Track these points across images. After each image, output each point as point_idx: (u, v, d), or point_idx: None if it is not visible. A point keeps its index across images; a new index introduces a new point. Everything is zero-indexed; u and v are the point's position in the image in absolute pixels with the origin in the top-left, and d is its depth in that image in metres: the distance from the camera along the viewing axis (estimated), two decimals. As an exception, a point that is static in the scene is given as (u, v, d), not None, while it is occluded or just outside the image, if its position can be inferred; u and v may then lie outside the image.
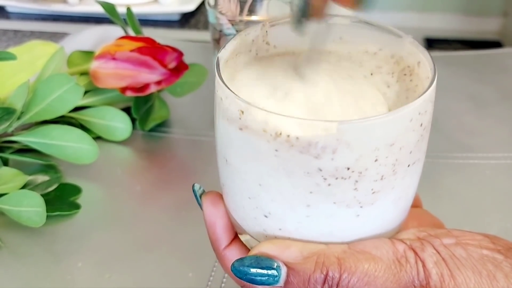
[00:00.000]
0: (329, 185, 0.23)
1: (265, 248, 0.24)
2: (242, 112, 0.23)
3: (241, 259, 0.24)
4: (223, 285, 0.37)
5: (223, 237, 0.27)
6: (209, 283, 0.37)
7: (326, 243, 0.24)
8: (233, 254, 0.27)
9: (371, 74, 0.28)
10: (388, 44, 0.28)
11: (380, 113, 0.22)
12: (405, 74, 0.27)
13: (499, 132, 0.52)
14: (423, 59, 0.26)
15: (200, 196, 0.28)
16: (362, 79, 0.27)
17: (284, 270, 0.24)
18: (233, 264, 0.24)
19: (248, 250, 0.27)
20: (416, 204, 0.30)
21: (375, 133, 0.22)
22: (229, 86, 0.23)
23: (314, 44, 0.28)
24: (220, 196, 0.28)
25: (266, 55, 0.29)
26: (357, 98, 0.25)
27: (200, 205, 0.28)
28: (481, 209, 0.43)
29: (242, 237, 0.28)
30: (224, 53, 0.27)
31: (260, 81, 0.27)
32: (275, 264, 0.24)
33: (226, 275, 0.38)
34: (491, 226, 0.41)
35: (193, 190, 0.29)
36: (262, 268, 0.24)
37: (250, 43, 0.28)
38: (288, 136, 0.22)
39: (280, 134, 0.22)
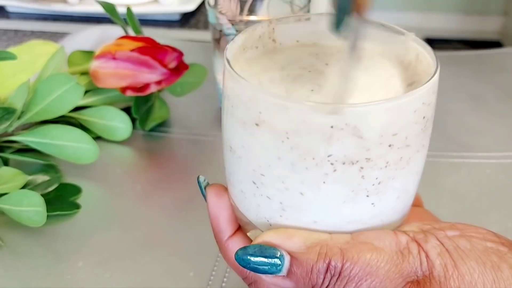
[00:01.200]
0: (335, 171, 0.23)
1: (268, 237, 0.24)
2: (264, 108, 0.23)
3: (244, 248, 0.25)
4: (223, 284, 0.37)
5: (226, 229, 0.28)
6: (210, 282, 0.37)
7: (329, 232, 0.24)
8: (235, 245, 0.27)
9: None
10: (390, 41, 0.28)
11: (386, 98, 0.22)
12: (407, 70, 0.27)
13: (499, 131, 0.52)
14: (426, 55, 0.26)
15: (205, 188, 0.28)
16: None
17: (287, 259, 0.24)
18: (236, 252, 0.25)
19: (251, 241, 0.27)
20: (417, 204, 0.30)
21: (381, 117, 0.22)
22: (246, 79, 0.24)
23: (352, 41, 0.27)
24: (224, 188, 0.28)
25: (271, 50, 0.29)
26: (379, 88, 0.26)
27: (204, 196, 0.28)
28: (481, 208, 0.43)
29: (248, 232, 0.28)
30: (232, 47, 0.27)
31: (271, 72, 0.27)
32: (279, 253, 0.24)
33: (227, 274, 0.38)
34: (491, 225, 0.40)
35: (198, 182, 0.29)
36: (265, 256, 0.24)
37: (257, 39, 0.28)
38: (301, 120, 0.22)
39: (293, 119, 0.22)
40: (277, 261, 0.24)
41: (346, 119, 0.22)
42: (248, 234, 0.28)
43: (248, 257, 0.24)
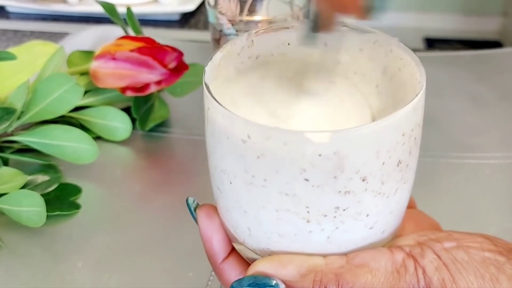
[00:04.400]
0: (317, 194, 0.23)
1: (262, 267, 0.24)
2: (248, 136, 0.22)
3: (239, 280, 0.25)
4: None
5: (220, 251, 0.27)
6: (209, 282, 0.37)
7: (321, 255, 0.24)
8: (230, 268, 0.27)
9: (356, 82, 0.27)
10: (376, 52, 0.27)
11: (369, 122, 0.22)
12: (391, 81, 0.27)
13: (498, 132, 0.52)
14: (412, 64, 0.25)
15: (195, 210, 0.28)
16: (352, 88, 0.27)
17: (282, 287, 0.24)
18: (232, 285, 0.25)
19: (246, 262, 0.27)
20: (410, 205, 0.30)
21: (366, 142, 0.21)
22: (228, 109, 0.23)
23: (327, 54, 0.27)
24: (214, 208, 0.28)
25: (252, 66, 0.28)
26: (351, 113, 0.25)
27: (194, 219, 0.28)
28: (480, 209, 0.43)
29: (236, 246, 0.28)
30: (211, 67, 0.26)
31: (255, 97, 0.26)
32: (273, 282, 0.24)
33: (226, 274, 0.38)
34: (490, 225, 0.41)
35: (187, 204, 0.28)
36: (260, 287, 0.24)
37: (236, 56, 0.28)
38: (285, 145, 0.21)
39: (272, 146, 0.22)
40: None
41: (332, 147, 0.21)
42: (236, 247, 0.28)
43: None
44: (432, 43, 2.33)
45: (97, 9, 0.62)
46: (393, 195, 0.24)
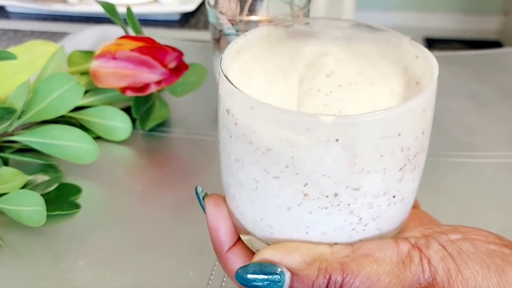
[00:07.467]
0: (313, 189, 0.23)
1: (268, 255, 0.24)
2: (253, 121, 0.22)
3: (244, 267, 0.25)
4: (223, 284, 0.37)
5: (226, 240, 0.27)
6: (210, 282, 0.37)
7: (327, 244, 0.24)
8: (236, 257, 0.27)
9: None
10: (387, 44, 0.28)
11: (378, 110, 0.22)
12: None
13: (499, 131, 0.52)
14: (424, 62, 0.25)
15: (203, 199, 0.28)
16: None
17: (287, 275, 0.24)
18: (237, 272, 0.25)
19: (251, 252, 0.27)
20: (414, 206, 0.30)
21: (369, 129, 0.22)
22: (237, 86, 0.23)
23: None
24: (222, 198, 0.28)
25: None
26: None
27: (203, 207, 0.28)
28: (481, 208, 0.43)
29: (243, 237, 0.28)
30: (228, 53, 0.26)
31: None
32: (279, 270, 0.24)
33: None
34: (491, 225, 0.41)
35: (196, 193, 0.28)
36: (265, 274, 0.24)
37: (252, 45, 0.28)
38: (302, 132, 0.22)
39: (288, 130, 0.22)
40: (277, 277, 0.24)
41: (336, 131, 0.21)
42: (243, 238, 0.28)
43: (249, 275, 0.24)
44: (433, 43, 2.33)
45: (97, 9, 0.62)
46: (388, 206, 0.24)
